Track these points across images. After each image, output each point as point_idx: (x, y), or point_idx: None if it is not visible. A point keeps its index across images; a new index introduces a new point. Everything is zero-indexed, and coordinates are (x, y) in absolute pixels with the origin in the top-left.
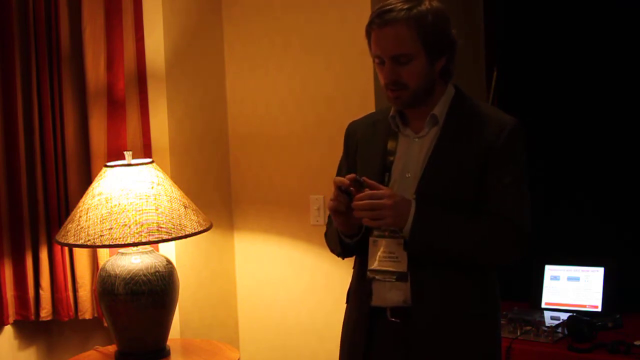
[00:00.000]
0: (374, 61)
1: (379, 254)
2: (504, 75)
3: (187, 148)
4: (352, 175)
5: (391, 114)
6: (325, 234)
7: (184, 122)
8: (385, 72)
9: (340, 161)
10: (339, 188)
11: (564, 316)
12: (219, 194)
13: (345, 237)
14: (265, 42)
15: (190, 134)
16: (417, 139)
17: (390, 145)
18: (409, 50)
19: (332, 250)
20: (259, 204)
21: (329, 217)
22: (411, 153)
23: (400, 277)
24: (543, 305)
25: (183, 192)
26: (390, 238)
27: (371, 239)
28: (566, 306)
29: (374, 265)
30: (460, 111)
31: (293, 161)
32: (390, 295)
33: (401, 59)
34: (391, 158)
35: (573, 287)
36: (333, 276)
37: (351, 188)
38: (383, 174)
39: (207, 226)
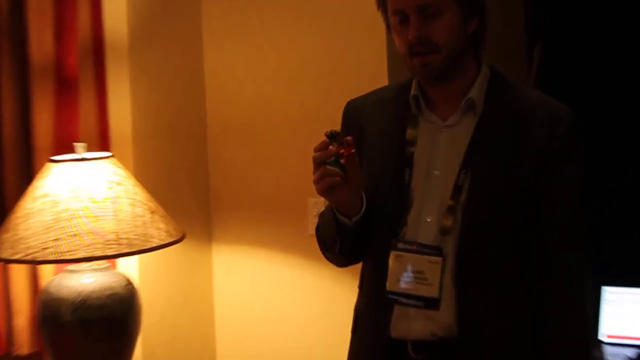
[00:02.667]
0: (389, 26)
1: (403, 272)
2: (550, 51)
3: (154, 139)
4: (328, 132)
5: (413, 92)
6: (317, 228)
7: (151, 107)
8: (410, 29)
9: None
10: (325, 160)
11: (629, 352)
12: (195, 196)
13: (343, 216)
14: (252, 9)
15: (158, 121)
16: (445, 128)
17: (410, 133)
18: None
19: (328, 251)
20: (244, 209)
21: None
22: (438, 145)
23: (429, 303)
24: (602, 338)
25: (149, 194)
26: (421, 254)
27: (394, 253)
28: (632, 339)
29: (396, 286)
30: (501, 97)
31: (287, 155)
32: (415, 325)
33: (430, 9)
34: (411, 149)
35: None
36: (337, 299)
37: (340, 151)
38: (402, 169)
39: (179, 237)
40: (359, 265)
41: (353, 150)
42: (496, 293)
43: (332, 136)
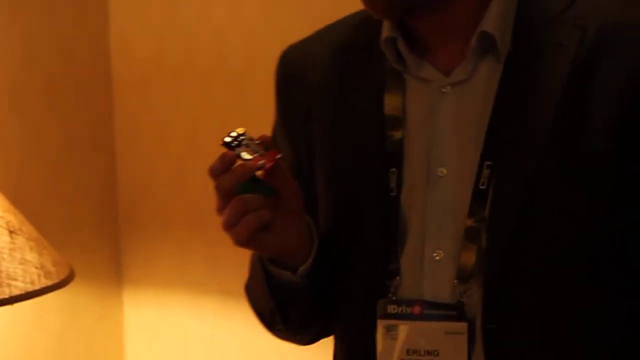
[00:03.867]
0: None
1: (398, 349)
2: None
3: (24, 116)
4: (226, 138)
5: (385, 34)
6: (247, 288)
7: (22, 67)
8: None
9: (274, 133)
10: (236, 184)
11: None
12: (92, 205)
13: (283, 268)
14: None
15: (31, 88)
16: (450, 88)
17: (391, 103)
18: None
19: (270, 326)
20: (175, 227)
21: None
22: (440, 119)
23: None
24: None
25: (8, 202)
26: (431, 321)
27: (382, 323)
28: None
29: None
30: (541, 24)
31: None
32: None
33: None
34: (396, 133)
35: None
36: None
37: (247, 156)
38: (384, 170)
39: (62, 276)
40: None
41: (278, 156)
42: None
43: (236, 143)
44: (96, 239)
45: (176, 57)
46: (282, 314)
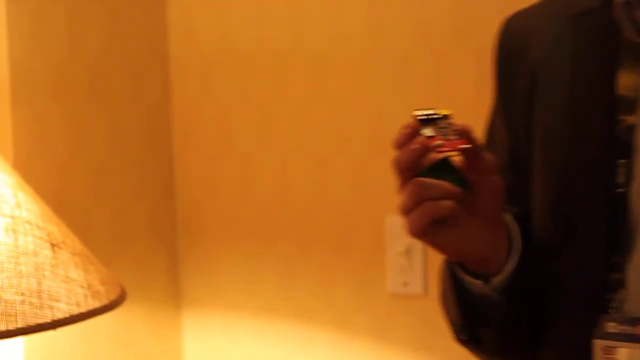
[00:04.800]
0: None
1: None
2: None
3: (68, 109)
4: (416, 112)
5: None
6: (443, 297)
7: (66, 52)
8: None
9: (491, 122)
10: (418, 164)
11: None
12: (146, 216)
13: (473, 276)
14: None
15: (76, 77)
16: None
17: (626, 81)
18: None
19: (465, 341)
20: (242, 239)
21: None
22: None
23: None
24: None
25: (49, 209)
26: None
27: (600, 344)
28: None
29: None
30: None
31: (336, 143)
32: None
33: None
34: (629, 118)
35: None
36: None
37: (431, 134)
38: (611, 161)
39: (113, 297)
40: None
41: (461, 145)
42: None
43: (427, 120)
44: (151, 253)
45: (245, 38)
46: (470, 332)
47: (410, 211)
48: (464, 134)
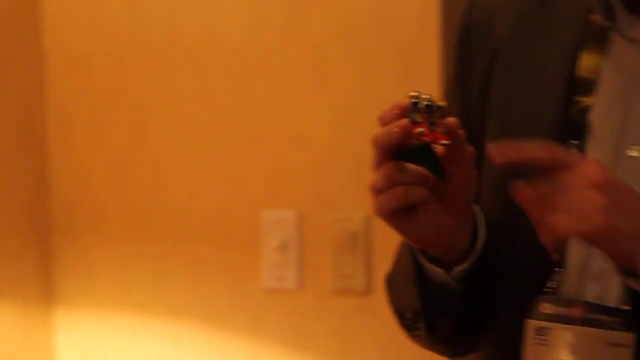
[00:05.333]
0: None
1: (548, 358)
2: None
3: None
4: (413, 93)
5: None
6: (387, 280)
7: None
8: None
9: (446, 91)
10: (397, 145)
11: None
12: (19, 212)
13: (436, 264)
14: None
15: None
16: None
17: (587, 63)
18: None
19: (410, 329)
20: (117, 236)
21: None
22: None
23: None
24: None
25: None
26: (593, 327)
27: (532, 324)
28: None
29: None
30: None
31: (211, 138)
32: None
33: None
34: (585, 99)
35: None
36: None
37: (417, 119)
38: (563, 142)
39: None
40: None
41: (442, 141)
42: None
43: (420, 103)
44: (23, 249)
45: (122, 30)
46: (427, 320)
47: (380, 192)
48: (450, 130)
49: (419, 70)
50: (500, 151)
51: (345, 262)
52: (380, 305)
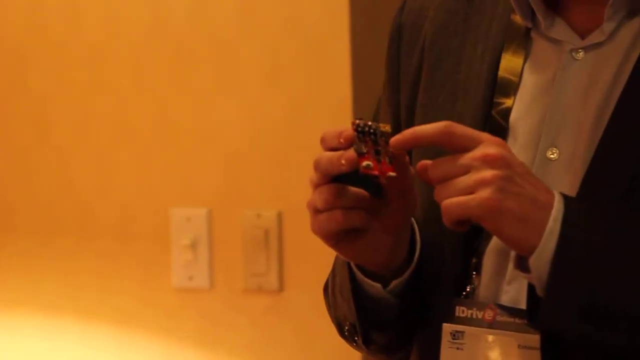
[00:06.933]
0: None
1: None
2: None
3: None
4: (358, 121)
5: None
6: (325, 289)
7: None
8: None
9: (379, 100)
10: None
11: None
12: None
13: (373, 278)
14: None
15: None
16: (581, 54)
17: (508, 64)
18: None
19: (350, 340)
20: (22, 233)
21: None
22: (562, 90)
23: None
24: None
25: None
26: (503, 330)
27: (448, 327)
28: None
29: None
30: None
31: (118, 134)
32: None
33: None
34: (505, 101)
35: None
36: None
37: (363, 149)
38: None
39: None
40: None
41: (389, 174)
42: None
43: (365, 131)
44: None
45: (21, 24)
46: (364, 333)
47: (319, 212)
48: (396, 160)
49: (329, 67)
50: (399, 142)
51: (257, 261)
52: (293, 303)
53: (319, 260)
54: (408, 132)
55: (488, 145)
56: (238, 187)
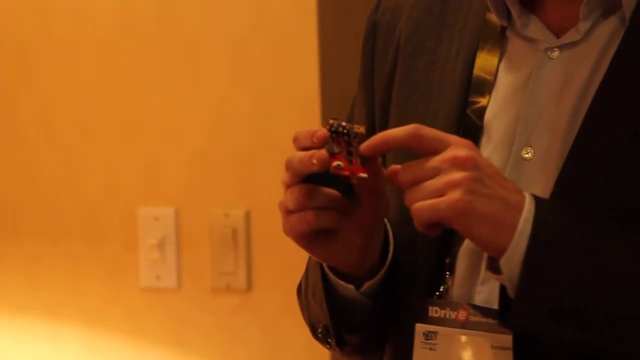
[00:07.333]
0: None
1: None
2: None
3: None
4: (332, 122)
5: None
6: (299, 291)
7: None
8: None
9: (354, 100)
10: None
11: None
12: None
13: (343, 279)
14: None
15: None
16: (557, 52)
17: (483, 63)
18: None
19: (324, 341)
20: None
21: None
22: (537, 89)
23: None
24: None
25: None
26: (476, 330)
27: (421, 328)
28: None
29: None
30: None
31: (84, 132)
32: None
33: None
34: (480, 100)
35: None
36: None
37: (335, 150)
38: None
39: None
40: None
41: (360, 174)
42: None
43: (338, 132)
44: None
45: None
46: (337, 335)
47: (290, 213)
48: (368, 161)
49: (297, 65)
50: (369, 147)
51: (225, 260)
52: (261, 302)
53: (287, 259)
54: (378, 137)
55: (457, 147)
56: (205, 186)
